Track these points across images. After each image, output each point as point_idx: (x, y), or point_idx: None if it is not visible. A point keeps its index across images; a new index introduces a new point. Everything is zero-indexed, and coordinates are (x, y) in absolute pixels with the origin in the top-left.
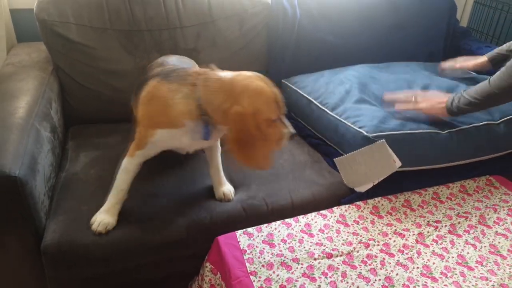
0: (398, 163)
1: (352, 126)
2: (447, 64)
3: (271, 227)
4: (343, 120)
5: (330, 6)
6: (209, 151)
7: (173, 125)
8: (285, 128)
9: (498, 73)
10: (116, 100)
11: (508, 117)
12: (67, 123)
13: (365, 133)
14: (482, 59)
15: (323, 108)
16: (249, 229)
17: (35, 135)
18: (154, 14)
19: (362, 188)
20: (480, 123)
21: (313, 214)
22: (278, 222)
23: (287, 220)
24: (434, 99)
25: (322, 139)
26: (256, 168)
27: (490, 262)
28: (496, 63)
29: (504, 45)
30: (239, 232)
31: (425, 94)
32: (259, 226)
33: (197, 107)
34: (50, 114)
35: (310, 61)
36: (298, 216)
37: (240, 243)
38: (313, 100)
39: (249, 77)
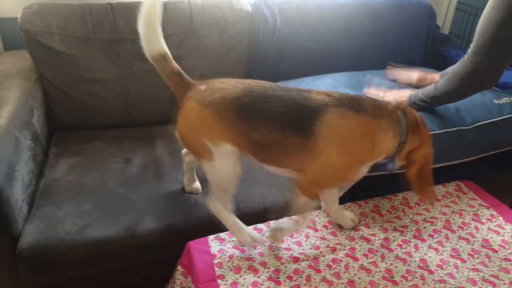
0: None
1: None
2: (391, 75)
3: None
4: None
5: (310, 14)
6: None
7: (373, 160)
8: None
9: (442, 79)
10: (99, 107)
11: (479, 123)
12: (51, 130)
13: None
14: (435, 77)
15: None
16: (221, 234)
17: (14, 144)
18: (136, 23)
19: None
20: (452, 129)
21: (285, 219)
22: (251, 227)
23: (259, 225)
24: (399, 93)
25: None
26: (427, 199)
27: (450, 266)
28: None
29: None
30: (211, 237)
31: (392, 90)
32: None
33: (398, 144)
34: (31, 122)
35: (291, 68)
36: (270, 221)
37: (211, 248)
38: None
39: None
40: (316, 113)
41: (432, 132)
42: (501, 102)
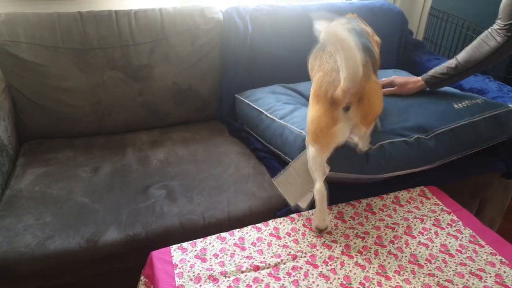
0: (328, 167)
1: (295, 128)
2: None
3: (205, 242)
4: (289, 125)
5: (282, 21)
6: None
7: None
8: None
9: (465, 52)
10: (69, 116)
11: (437, 131)
12: (21, 139)
13: (304, 133)
14: (417, 80)
15: (272, 117)
16: (184, 244)
17: None
18: (107, 32)
19: (303, 203)
20: (411, 138)
21: (249, 227)
22: (214, 236)
23: (223, 234)
24: (408, 78)
25: (269, 151)
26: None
27: (407, 271)
28: (432, 85)
29: (438, 68)
30: (174, 247)
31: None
32: (194, 240)
33: None
34: None
35: (264, 75)
36: (234, 230)
37: (173, 257)
38: (263, 111)
39: None
40: None
41: (392, 140)
42: (460, 107)
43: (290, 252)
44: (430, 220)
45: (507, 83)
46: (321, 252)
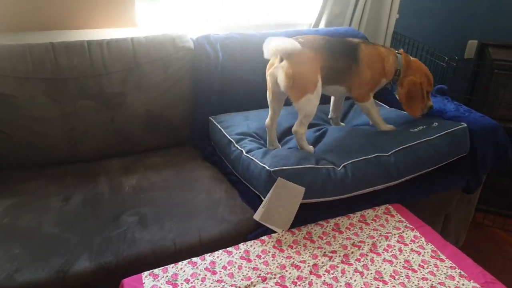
0: (302, 188)
1: (259, 162)
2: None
3: (177, 267)
4: (253, 158)
5: (252, 48)
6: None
7: (386, 77)
8: (429, 101)
9: None
10: (41, 145)
11: (396, 149)
12: None
13: (267, 167)
14: None
15: (241, 149)
16: (155, 270)
17: None
18: (79, 62)
19: (286, 226)
20: (372, 155)
21: (220, 251)
22: (185, 261)
23: (194, 259)
24: None
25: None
26: (412, 113)
27: None
28: None
29: None
30: (145, 273)
31: None
32: (166, 266)
33: (396, 70)
34: None
35: (236, 100)
36: (205, 255)
37: (144, 284)
38: (233, 141)
39: (422, 64)
40: (356, 48)
41: (354, 161)
42: (416, 131)
43: (260, 274)
44: (395, 237)
45: (467, 104)
46: (290, 273)
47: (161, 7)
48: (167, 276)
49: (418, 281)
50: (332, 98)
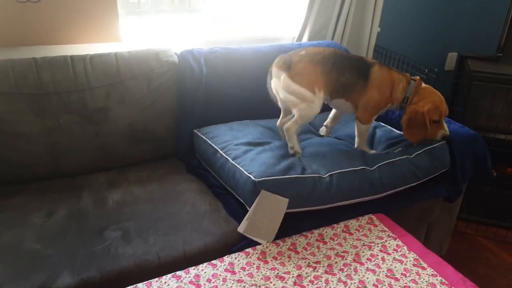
0: (286, 200)
1: (244, 171)
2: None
3: (161, 281)
4: (239, 167)
5: (235, 63)
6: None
7: (392, 102)
8: (442, 129)
9: None
10: (24, 160)
11: (380, 164)
12: None
13: (253, 178)
14: None
15: (226, 156)
16: (139, 285)
17: None
18: (62, 77)
19: (270, 237)
20: (358, 168)
21: (204, 264)
22: (169, 275)
23: (178, 272)
24: None
25: (225, 188)
26: (411, 141)
27: None
28: None
29: None
30: None
31: None
32: (150, 281)
33: (404, 97)
34: None
35: (220, 114)
36: (189, 268)
37: None
38: (218, 149)
39: (433, 92)
40: (369, 67)
41: (341, 171)
42: (397, 150)
43: (244, 286)
44: (378, 246)
45: (449, 115)
46: (274, 285)
47: (146, 22)
48: None
49: None
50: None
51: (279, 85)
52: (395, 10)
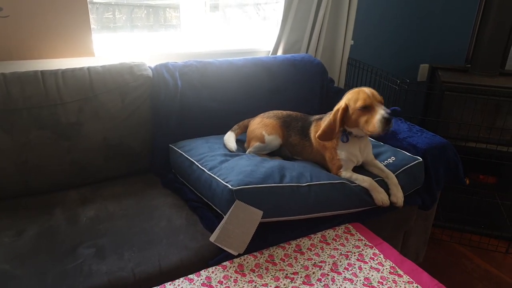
0: (260, 212)
1: (221, 181)
2: None
3: None
4: (216, 177)
5: (211, 76)
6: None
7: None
8: (378, 114)
9: None
10: None
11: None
12: None
13: (230, 187)
14: None
15: (202, 168)
16: None
17: None
18: (33, 92)
19: (241, 248)
20: (336, 181)
21: (181, 279)
22: None
23: None
24: None
25: (202, 200)
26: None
27: None
28: None
29: None
30: None
31: None
32: None
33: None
34: None
35: (196, 127)
36: (166, 283)
37: None
38: (194, 161)
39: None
40: (309, 126)
41: (319, 183)
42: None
43: None
44: (355, 255)
45: (422, 124)
46: None
47: (120, 37)
48: None
49: None
50: None
51: None
52: (368, 23)
